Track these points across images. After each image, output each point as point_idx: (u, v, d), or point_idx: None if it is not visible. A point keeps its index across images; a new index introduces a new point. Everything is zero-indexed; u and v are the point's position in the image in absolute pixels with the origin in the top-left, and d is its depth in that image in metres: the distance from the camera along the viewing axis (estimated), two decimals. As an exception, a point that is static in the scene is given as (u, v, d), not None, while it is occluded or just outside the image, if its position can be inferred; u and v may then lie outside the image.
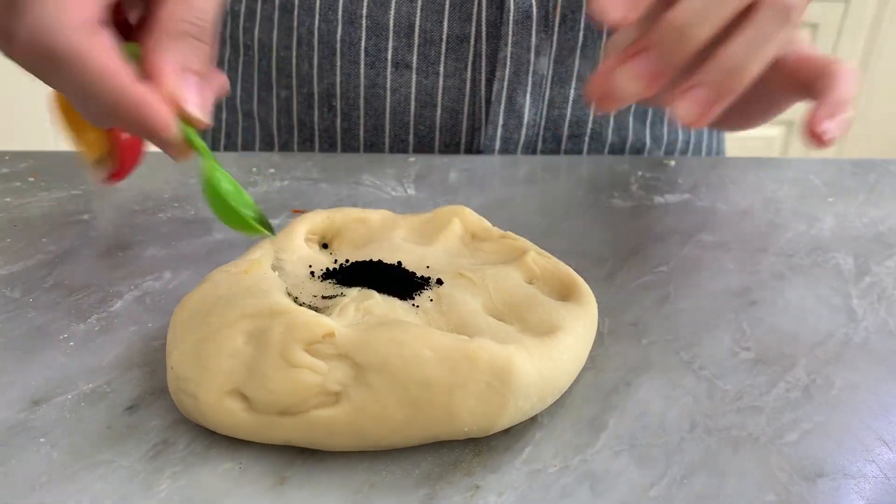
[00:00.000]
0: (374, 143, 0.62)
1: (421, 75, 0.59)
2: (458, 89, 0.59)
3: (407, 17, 0.57)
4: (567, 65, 0.60)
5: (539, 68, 0.59)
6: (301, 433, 0.28)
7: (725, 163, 0.60)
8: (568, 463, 0.28)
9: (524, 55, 0.58)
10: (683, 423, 0.30)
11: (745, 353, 0.35)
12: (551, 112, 0.61)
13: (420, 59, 0.58)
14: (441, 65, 0.58)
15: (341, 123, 0.62)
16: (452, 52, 0.58)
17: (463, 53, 0.58)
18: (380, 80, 0.59)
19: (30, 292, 0.38)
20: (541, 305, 0.33)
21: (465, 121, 0.60)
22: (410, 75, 0.59)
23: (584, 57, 0.60)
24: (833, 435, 0.30)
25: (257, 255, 0.36)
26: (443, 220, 0.39)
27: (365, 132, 0.61)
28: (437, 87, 0.59)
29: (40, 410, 0.30)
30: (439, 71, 0.59)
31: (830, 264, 0.43)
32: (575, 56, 0.59)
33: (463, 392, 0.28)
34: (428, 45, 0.58)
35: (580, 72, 0.60)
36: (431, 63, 0.58)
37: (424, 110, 0.60)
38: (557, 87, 0.60)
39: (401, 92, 0.59)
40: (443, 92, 0.59)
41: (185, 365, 0.29)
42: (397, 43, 0.58)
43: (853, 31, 1.73)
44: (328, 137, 0.63)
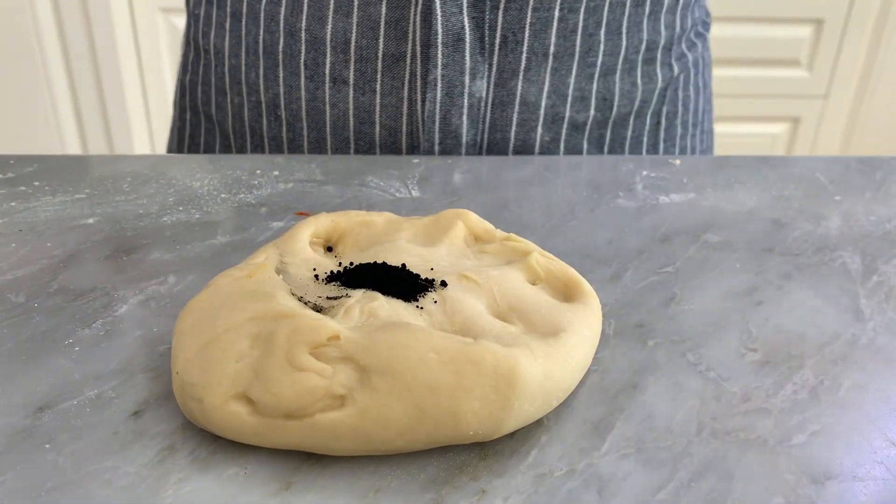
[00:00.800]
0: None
1: (358, 92, 0.58)
2: (396, 108, 0.58)
3: (343, 32, 0.56)
4: (509, 88, 0.58)
5: (475, 91, 0.57)
6: (306, 437, 0.28)
7: (731, 162, 0.60)
8: (574, 467, 0.28)
9: (456, 78, 0.56)
10: (690, 426, 0.30)
11: (751, 355, 0.35)
12: (493, 135, 0.59)
13: (357, 76, 0.58)
14: (377, 82, 0.57)
15: (287, 133, 0.62)
16: (388, 71, 0.57)
17: (399, 72, 0.57)
18: (319, 93, 0.59)
19: (35, 297, 0.38)
20: (545, 307, 0.33)
21: (404, 139, 0.59)
22: (348, 91, 0.58)
23: (528, 81, 0.58)
24: (841, 436, 0.30)
25: (261, 258, 0.36)
26: (446, 222, 0.39)
27: (308, 143, 0.61)
28: (375, 105, 0.58)
29: (45, 416, 0.30)
30: (376, 88, 0.58)
31: (837, 263, 0.43)
32: (517, 79, 0.58)
33: (468, 395, 0.28)
34: (364, 62, 0.57)
35: (524, 96, 0.59)
36: (368, 80, 0.58)
37: (363, 126, 0.59)
38: (499, 111, 0.59)
39: (339, 107, 0.59)
40: (380, 109, 0.58)
41: (191, 370, 0.29)
42: (334, 58, 0.57)
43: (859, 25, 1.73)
44: (276, 146, 0.63)
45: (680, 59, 0.65)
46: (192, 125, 0.69)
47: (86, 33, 1.58)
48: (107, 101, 1.64)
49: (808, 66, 1.77)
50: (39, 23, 1.55)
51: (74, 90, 1.64)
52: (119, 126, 1.67)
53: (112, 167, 0.55)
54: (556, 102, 0.59)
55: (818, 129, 1.85)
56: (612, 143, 0.64)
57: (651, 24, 0.61)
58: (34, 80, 1.60)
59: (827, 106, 1.82)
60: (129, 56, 1.62)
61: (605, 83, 0.60)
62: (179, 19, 1.62)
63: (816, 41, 1.74)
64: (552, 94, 0.59)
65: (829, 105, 1.82)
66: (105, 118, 1.66)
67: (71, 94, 1.64)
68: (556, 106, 0.59)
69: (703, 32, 0.69)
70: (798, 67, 1.77)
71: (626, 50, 0.60)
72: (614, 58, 0.60)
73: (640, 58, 0.61)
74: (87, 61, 1.61)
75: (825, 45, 1.74)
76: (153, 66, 1.65)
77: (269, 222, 0.47)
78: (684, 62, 0.65)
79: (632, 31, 0.60)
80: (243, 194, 0.50)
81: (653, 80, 0.63)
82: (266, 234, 0.45)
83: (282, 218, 0.47)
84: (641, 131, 0.64)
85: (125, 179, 0.52)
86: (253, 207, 0.49)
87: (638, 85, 0.62)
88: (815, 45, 1.75)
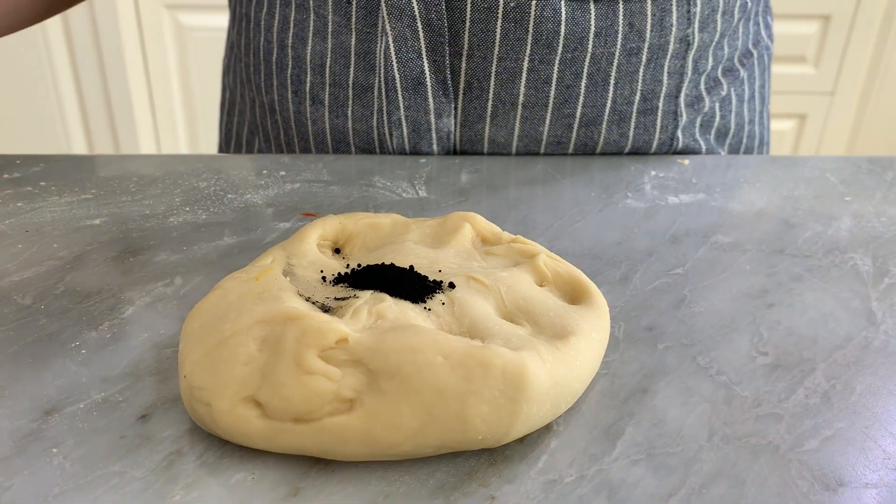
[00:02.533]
0: None
1: (332, 114, 0.58)
2: (367, 134, 0.58)
3: (320, 55, 0.56)
4: (476, 130, 0.57)
5: (442, 126, 0.56)
6: (315, 441, 0.28)
7: (739, 161, 0.59)
8: (584, 472, 0.28)
9: (421, 117, 0.55)
10: (701, 431, 0.30)
11: (762, 358, 0.34)
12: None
13: (331, 99, 0.58)
14: (349, 108, 0.57)
15: (284, 137, 0.63)
16: (359, 99, 0.57)
17: (368, 102, 0.57)
18: (302, 108, 0.59)
19: (41, 299, 0.38)
20: (553, 309, 0.33)
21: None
22: (324, 112, 0.58)
23: (496, 125, 0.56)
24: (854, 442, 0.30)
25: (268, 260, 0.36)
26: (454, 224, 0.38)
27: (300, 150, 0.62)
28: (348, 129, 0.58)
29: (52, 420, 0.30)
30: (348, 114, 0.58)
31: (848, 265, 0.43)
32: (485, 124, 0.56)
33: (476, 399, 0.27)
34: (337, 87, 0.57)
35: (493, 137, 0.57)
36: (341, 105, 0.58)
37: (340, 146, 0.60)
38: (469, 146, 0.58)
39: (318, 125, 0.59)
40: (353, 134, 0.58)
41: (199, 373, 0.29)
42: (313, 79, 0.58)
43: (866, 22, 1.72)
44: (277, 146, 0.64)
45: (692, 104, 0.59)
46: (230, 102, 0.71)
47: (91, 32, 1.58)
48: (112, 100, 1.65)
49: (814, 63, 1.76)
50: (45, 22, 1.55)
51: (80, 89, 1.64)
52: (125, 125, 1.67)
53: (118, 167, 0.55)
54: (528, 144, 0.57)
55: (825, 125, 1.84)
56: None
57: (650, 73, 0.56)
58: (40, 79, 1.60)
59: (834, 103, 1.81)
60: (135, 54, 1.62)
61: (587, 132, 0.57)
62: (185, 16, 1.62)
63: (823, 38, 1.73)
64: (524, 138, 0.57)
65: (836, 102, 1.81)
66: (111, 117, 1.67)
67: (77, 93, 1.64)
68: (530, 147, 0.58)
69: (737, 68, 0.61)
70: (805, 64, 1.76)
71: (614, 101, 0.56)
72: (598, 109, 0.56)
73: (634, 109, 0.57)
74: (92, 60, 1.61)
75: (832, 41, 1.74)
76: (159, 64, 1.65)
77: (276, 223, 0.46)
78: (699, 107, 0.59)
79: (621, 83, 0.55)
80: (250, 195, 0.50)
81: (648, 130, 0.58)
82: (273, 235, 0.45)
83: (288, 218, 0.47)
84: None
85: (131, 180, 0.52)
86: (259, 208, 0.48)
87: (629, 136, 0.58)
88: (822, 42, 1.74)
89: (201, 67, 1.66)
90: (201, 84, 1.68)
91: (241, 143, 0.70)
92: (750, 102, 0.64)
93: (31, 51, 1.57)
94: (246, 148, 0.69)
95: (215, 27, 1.60)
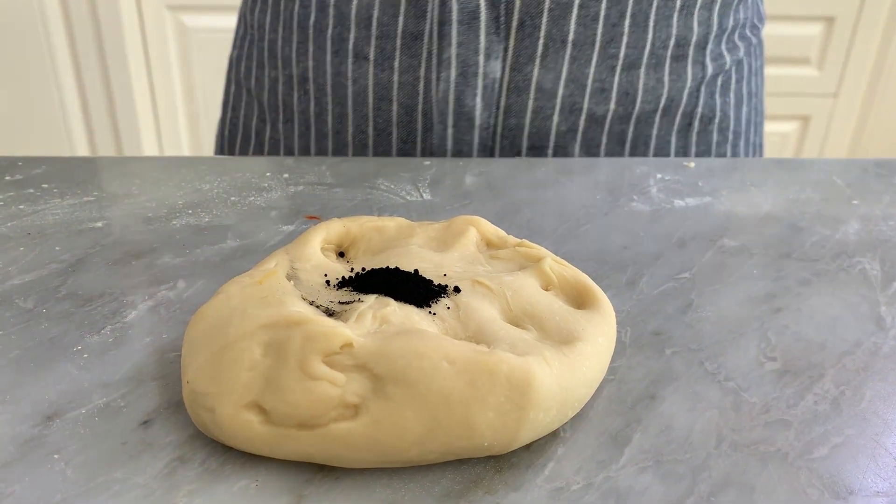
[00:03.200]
0: (340, 131, 0.63)
1: (378, 68, 0.59)
2: (412, 86, 0.59)
3: (367, 8, 0.57)
4: (525, 73, 0.57)
5: (490, 71, 0.57)
6: (319, 447, 0.27)
7: (745, 164, 0.59)
8: (591, 480, 0.27)
9: (471, 57, 0.56)
10: (710, 438, 0.30)
11: (771, 364, 0.34)
12: (508, 120, 0.59)
13: (377, 53, 0.58)
14: (396, 60, 0.58)
15: (314, 108, 0.63)
16: (407, 49, 0.57)
17: (416, 50, 0.57)
18: (343, 69, 0.60)
19: (43, 303, 0.37)
20: (559, 313, 0.32)
21: (420, 118, 0.60)
22: (368, 67, 0.59)
23: (545, 67, 0.57)
24: (865, 449, 0.29)
25: (272, 264, 0.35)
26: (459, 228, 0.38)
27: (332, 118, 0.63)
28: (393, 82, 0.59)
29: (54, 426, 0.29)
30: (394, 66, 0.58)
31: (857, 270, 0.42)
32: (534, 65, 0.57)
33: (482, 405, 0.27)
34: (384, 38, 0.57)
35: (540, 82, 0.58)
36: (387, 57, 0.58)
37: (382, 104, 0.60)
38: (514, 96, 0.58)
39: (360, 83, 0.60)
40: (398, 88, 0.59)
41: (202, 379, 0.29)
42: (358, 34, 0.58)
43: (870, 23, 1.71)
44: (304, 120, 0.64)
45: (716, 59, 0.62)
46: (235, 98, 0.71)
47: (94, 33, 1.58)
48: (115, 102, 1.65)
49: (818, 65, 1.76)
50: (48, 23, 1.56)
51: (83, 91, 1.64)
52: (128, 127, 1.67)
53: (121, 169, 0.54)
54: (573, 92, 0.58)
55: (828, 127, 1.83)
56: (635, 141, 0.62)
57: (682, 20, 0.59)
58: (43, 81, 1.60)
59: (837, 104, 1.81)
60: (138, 56, 1.62)
61: (627, 77, 0.59)
62: (188, 17, 1.62)
63: (827, 39, 1.73)
64: (570, 84, 0.58)
65: (840, 104, 1.81)
66: (113, 119, 1.67)
67: (79, 95, 1.64)
68: (574, 96, 0.58)
69: (749, 36, 0.66)
70: (808, 66, 1.76)
71: (653, 44, 0.58)
72: (639, 51, 0.58)
73: (669, 53, 0.59)
74: (95, 61, 1.61)
75: (836, 43, 1.73)
76: (161, 65, 1.65)
77: (280, 226, 0.46)
78: (720, 63, 0.63)
79: (660, 25, 0.58)
80: (253, 197, 0.50)
81: (681, 77, 0.61)
82: (276, 238, 0.45)
83: (292, 221, 0.47)
84: (669, 131, 0.62)
85: (134, 182, 0.52)
86: (263, 211, 0.48)
87: (664, 82, 0.60)
88: (826, 44, 1.73)
89: (204, 69, 1.66)
90: (204, 85, 1.68)
91: (250, 135, 0.70)
92: (758, 75, 0.68)
93: (33, 53, 1.57)
94: (255, 139, 0.69)
95: (218, 28, 1.60)
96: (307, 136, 0.65)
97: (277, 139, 0.67)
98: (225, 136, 0.73)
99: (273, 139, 0.67)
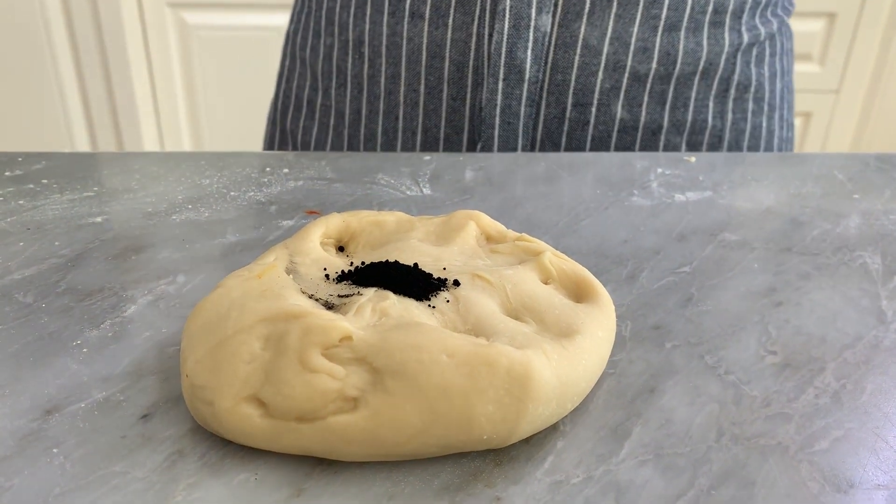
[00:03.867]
0: (392, 91, 0.65)
1: (432, 26, 0.61)
2: (465, 42, 0.61)
3: None
4: (573, 30, 0.59)
5: (541, 25, 0.59)
6: (319, 440, 0.27)
7: (746, 159, 0.59)
8: (591, 473, 0.27)
9: (524, 9, 0.58)
10: (710, 432, 0.29)
11: (771, 357, 0.34)
12: (555, 76, 0.61)
13: (432, 11, 0.61)
14: (450, 17, 0.60)
15: (367, 70, 0.65)
16: (461, 6, 0.60)
17: (470, 7, 0.60)
18: (399, 28, 0.62)
19: (42, 297, 0.37)
20: (558, 307, 0.32)
21: (470, 75, 0.62)
22: (423, 26, 0.61)
23: (591, 24, 0.59)
24: (865, 443, 0.29)
25: (271, 258, 0.35)
26: (459, 222, 0.38)
27: (385, 79, 0.65)
28: (446, 39, 0.61)
29: (53, 420, 0.29)
30: (448, 23, 0.60)
31: (857, 263, 0.42)
32: (581, 21, 0.59)
33: (481, 398, 0.27)
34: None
35: (586, 39, 0.60)
36: (442, 15, 0.60)
37: (434, 61, 0.62)
38: (562, 52, 0.60)
39: (414, 41, 0.62)
40: (451, 44, 0.61)
41: (201, 372, 0.29)
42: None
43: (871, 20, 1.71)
44: (357, 84, 0.67)
45: (751, 29, 0.64)
46: (290, 70, 0.75)
47: (95, 29, 1.58)
48: (116, 99, 1.64)
49: (820, 61, 1.76)
50: (49, 20, 1.55)
51: (84, 88, 1.64)
52: (128, 123, 1.67)
53: (120, 164, 0.54)
54: (617, 49, 0.60)
55: (830, 123, 1.83)
56: (675, 102, 0.64)
57: None
58: (44, 77, 1.60)
59: (839, 101, 1.80)
60: (138, 52, 1.62)
61: (668, 38, 0.61)
62: (188, 14, 1.62)
63: (829, 35, 1.73)
64: (614, 41, 0.60)
65: (841, 100, 1.80)
66: (114, 115, 1.67)
67: (80, 91, 1.64)
68: (618, 53, 0.60)
69: (781, 15, 0.69)
70: (810, 62, 1.75)
71: (692, 8, 0.61)
72: (679, 13, 0.60)
73: (707, 19, 0.62)
74: (96, 58, 1.61)
75: (838, 39, 1.73)
76: (162, 61, 1.65)
77: (279, 221, 0.46)
78: (755, 34, 0.65)
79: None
80: (253, 192, 0.50)
81: (719, 42, 0.63)
82: (276, 233, 0.45)
83: (292, 216, 0.47)
84: (707, 95, 0.64)
85: (133, 177, 0.52)
86: (263, 206, 0.48)
87: (703, 45, 0.62)
88: (828, 40, 1.73)
89: (205, 65, 1.66)
90: (205, 81, 1.68)
91: (301, 104, 0.72)
92: (788, 56, 0.72)
93: (34, 49, 1.57)
94: (307, 108, 0.72)
95: (219, 25, 1.60)
96: (359, 100, 0.67)
97: (329, 105, 0.69)
98: (278, 108, 0.76)
99: (325, 106, 0.70)
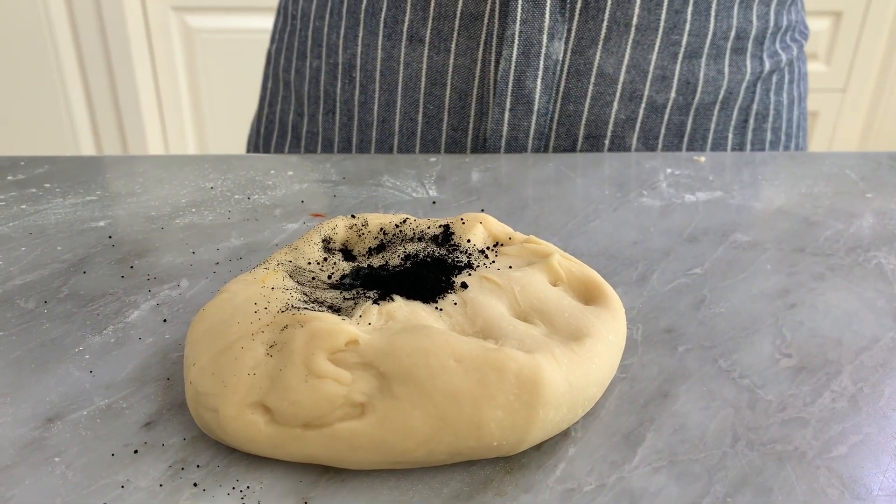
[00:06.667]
0: (386, 120, 0.61)
1: (433, 51, 0.58)
2: (468, 69, 0.58)
3: None
4: (587, 56, 0.56)
5: (552, 52, 0.56)
6: (325, 447, 0.27)
7: (756, 158, 0.58)
8: (604, 481, 0.27)
9: (535, 36, 0.55)
10: (725, 437, 0.29)
11: (786, 360, 0.33)
12: (566, 106, 0.58)
13: (433, 34, 0.57)
14: (453, 42, 0.57)
15: (359, 96, 0.62)
16: (465, 30, 0.57)
17: (475, 32, 0.56)
18: (395, 52, 0.59)
19: (44, 303, 0.37)
20: (567, 309, 0.32)
21: (474, 104, 0.59)
22: (423, 50, 0.58)
23: (607, 51, 0.56)
24: (885, 448, 0.29)
25: (275, 263, 0.35)
26: (466, 225, 0.37)
27: (378, 106, 0.61)
28: (448, 65, 0.58)
29: (55, 428, 0.29)
30: (451, 48, 0.57)
31: (872, 264, 0.42)
32: (596, 48, 0.56)
33: (490, 403, 0.26)
34: (442, 19, 0.57)
35: (601, 67, 0.57)
36: (444, 39, 0.57)
37: (434, 88, 0.59)
38: (574, 80, 0.57)
39: (412, 67, 0.59)
40: (453, 70, 0.58)
41: (205, 379, 0.28)
42: (413, 16, 0.57)
43: (878, 19, 1.70)
44: (347, 110, 0.63)
45: (772, 56, 0.62)
46: (272, 93, 0.70)
47: (99, 33, 1.58)
48: (120, 102, 1.64)
49: (826, 60, 1.75)
50: (53, 24, 1.55)
51: (88, 91, 1.64)
52: (133, 128, 1.67)
53: (123, 168, 0.54)
54: (634, 78, 0.58)
55: (836, 122, 1.82)
56: (693, 134, 0.61)
57: (742, 13, 0.59)
58: (48, 81, 1.60)
59: (845, 100, 1.79)
60: (143, 56, 1.62)
61: (689, 66, 0.58)
62: (192, 18, 1.62)
63: (835, 34, 1.72)
64: (631, 69, 0.57)
65: (848, 99, 1.79)
66: (119, 119, 1.66)
67: (85, 95, 1.64)
68: (635, 82, 0.58)
69: (799, 40, 0.66)
70: (816, 61, 1.74)
71: (714, 34, 0.58)
72: (701, 39, 0.58)
73: (729, 45, 0.59)
74: (100, 62, 1.61)
75: (844, 38, 1.72)
76: (166, 65, 1.65)
77: (284, 224, 0.46)
78: (776, 60, 0.63)
79: (721, 16, 0.58)
80: (257, 195, 0.49)
81: (741, 70, 0.60)
82: (281, 237, 0.44)
83: (297, 219, 0.46)
84: (727, 126, 0.62)
85: (136, 181, 0.51)
86: (267, 209, 0.48)
87: (724, 73, 0.60)
88: (834, 39, 1.72)
89: (209, 68, 1.66)
90: (209, 85, 1.68)
91: (286, 130, 0.69)
92: (804, 80, 0.69)
93: (39, 53, 1.57)
94: (291, 134, 0.68)
95: (223, 29, 1.60)
96: (349, 127, 0.64)
97: (315, 132, 0.66)
98: (260, 133, 0.73)
99: (311, 132, 0.66)
